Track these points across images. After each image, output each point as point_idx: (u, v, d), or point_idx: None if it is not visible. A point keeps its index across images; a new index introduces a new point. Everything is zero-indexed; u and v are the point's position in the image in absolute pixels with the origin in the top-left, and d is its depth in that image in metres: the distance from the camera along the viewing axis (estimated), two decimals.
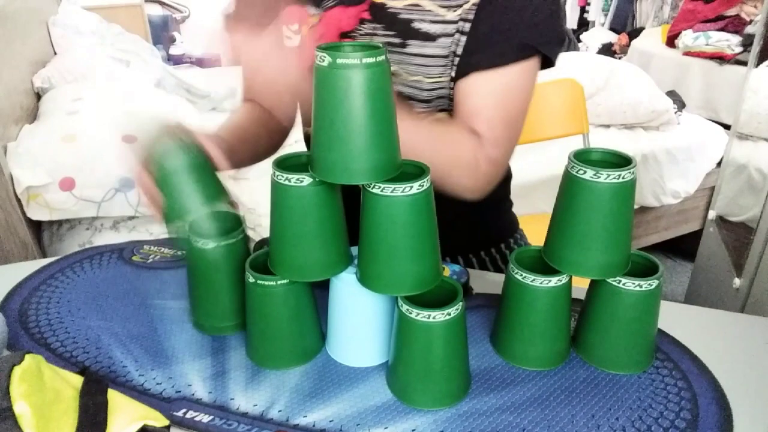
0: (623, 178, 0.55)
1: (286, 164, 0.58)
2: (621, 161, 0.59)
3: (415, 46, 0.72)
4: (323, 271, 0.61)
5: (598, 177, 0.55)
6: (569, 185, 0.58)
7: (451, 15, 0.70)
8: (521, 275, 0.60)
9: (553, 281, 0.59)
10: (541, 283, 0.59)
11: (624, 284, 0.59)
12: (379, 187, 0.54)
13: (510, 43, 0.69)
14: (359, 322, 0.63)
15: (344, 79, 0.51)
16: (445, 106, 0.78)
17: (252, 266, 0.61)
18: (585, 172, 0.56)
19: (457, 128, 0.71)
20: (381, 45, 0.53)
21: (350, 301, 0.62)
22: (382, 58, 0.51)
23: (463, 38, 0.71)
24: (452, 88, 0.74)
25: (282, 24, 0.75)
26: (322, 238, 0.59)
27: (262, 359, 0.64)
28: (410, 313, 0.55)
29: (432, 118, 0.75)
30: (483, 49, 0.70)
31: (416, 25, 0.71)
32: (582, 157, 0.59)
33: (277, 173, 0.56)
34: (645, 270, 0.61)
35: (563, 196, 0.59)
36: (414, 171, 0.57)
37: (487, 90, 0.71)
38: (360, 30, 0.73)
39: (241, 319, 0.68)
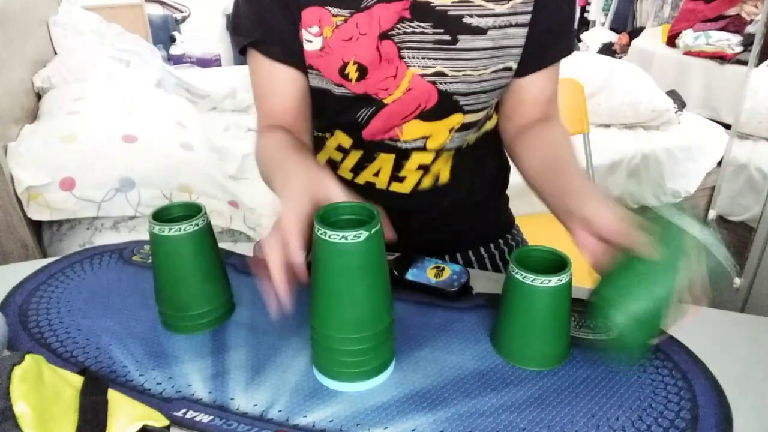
0: (561, 281, 0.59)
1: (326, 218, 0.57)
2: (559, 261, 0.61)
3: (466, 41, 0.72)
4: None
5: (535, 282, 0.59)
6: (510, 286, 0.62)
7: (500, 8, 0.72)
8: (521, 275, 0.60)
9: (554, 281, 0.59)
10: (541, 282, 0.59)
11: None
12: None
13: (570, 33, 0.82)
14: None
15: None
16: (489, 101, 0.79)
17: None
18: (525, 276, 0.59)
19: (565, 137, 0.78)
20: (375, 211, 0.56)
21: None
22: (377, 228, 0.54)
23: (521, 30, 0.74)
24: (503, 79, 0.78)
25: (302, 27, 0.73)
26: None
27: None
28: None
29: (571, 159, 0.74)
30: (555, 43, 0.79)
31: (467, 20, 0.71)
32: (523, 256, 0.62)
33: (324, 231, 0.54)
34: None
35: (506, 295, 0.63)
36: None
37: (556, 77, 0.82)
38: (400, 29, 0.72)
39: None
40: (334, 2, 0.71)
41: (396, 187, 0.83)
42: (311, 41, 0.74)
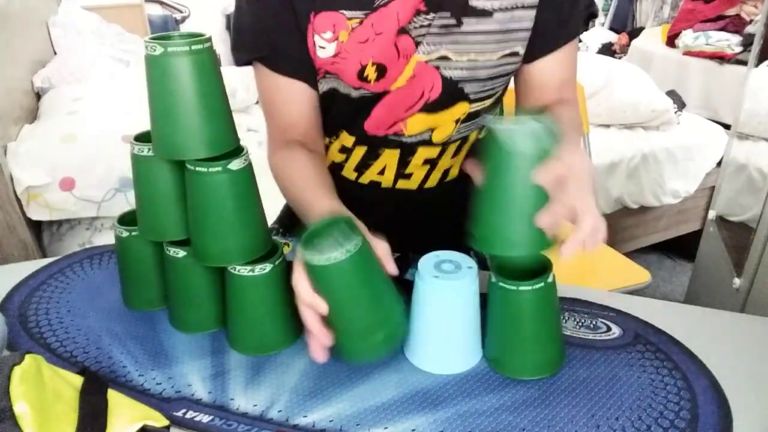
0: (540, 285, 0.59)
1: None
2: (540, 265, 0.61)
3: (470, 24, 0.71)
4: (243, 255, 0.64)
5: (518, 288, 0.59)
6: (494, 295, 0.61)
7: None
8: (503, 283, 0.59)
9: (535, 286, 0.58)
10: (524, 288, 0.58)
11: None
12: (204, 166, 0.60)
13: (580, 13, 0.77)
14: (442, 326, 0.63)
15: (173, 66, 0.58)
16: (499, 89, 0.79)
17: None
18: (507, 283, 0.59)
19: (572, 117, 0.76)
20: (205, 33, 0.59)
21: (432, 305, 0.62)
22: (208, 44, 0.59)
23: (529, 13, 0.72)
24: (511, 65, 0.76)
25: (314, 33, 0.71)
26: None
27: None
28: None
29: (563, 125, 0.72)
30: (564, 24, 0.75)
31: (472, 2, 0.70)
32: (505, 262, 0.61)
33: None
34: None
35: (491, 305, 0.63)
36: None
37: (571, 59, 0.79)
38: (416, 22, 0.70)
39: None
40: (348, 4, 0.69)
41: (403, 184, 0.82)
42: (324, 47, 0.71)
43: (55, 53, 2.06)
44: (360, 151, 0.81)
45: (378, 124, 0.77)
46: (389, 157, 0.80)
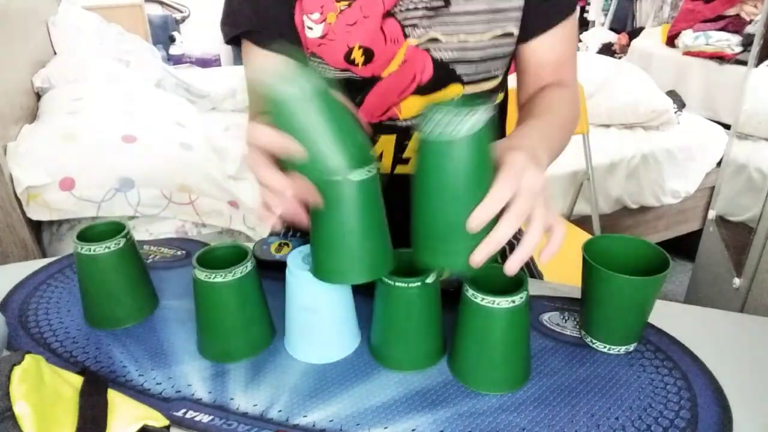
0: (514, 303, 0.56)
1: None
2: (516, 280, 0.57)
3: (459, 4, 0.71)
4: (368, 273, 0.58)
5: (490, 303, 0.56)
6: (465, 307, 0.58)
7: None
8: (476, 296, 0.57)
9: (509, 302, 0.56)
10: (497, 304, 0.56)
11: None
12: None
13: None
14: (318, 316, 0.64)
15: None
16: (492, 71, 0.77)
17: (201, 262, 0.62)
18: (480, 297, 0.56)
19: (562, 97, 0.75)
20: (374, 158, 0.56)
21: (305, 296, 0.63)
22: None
23: None
24: (506, 47, 0.75)
25: (302, 13, 0.71)
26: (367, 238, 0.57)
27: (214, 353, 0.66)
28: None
29: (546, 111, 0.72)
30: (557, 1, 0.75)
31: None
32: (480, 275, 0.57)
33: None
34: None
35: (461, 316, 0.60)
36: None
37: (567, 37, 0.77)
38: (402, 5, 0.70)
39: None
40: None
41: (401, 169, 0.82)
42: (312, 28, 0.72)
43: (55, 53, 2.06)
44: None
45: (372, 110, 0.77)
46: (386, 143, 0.80)
